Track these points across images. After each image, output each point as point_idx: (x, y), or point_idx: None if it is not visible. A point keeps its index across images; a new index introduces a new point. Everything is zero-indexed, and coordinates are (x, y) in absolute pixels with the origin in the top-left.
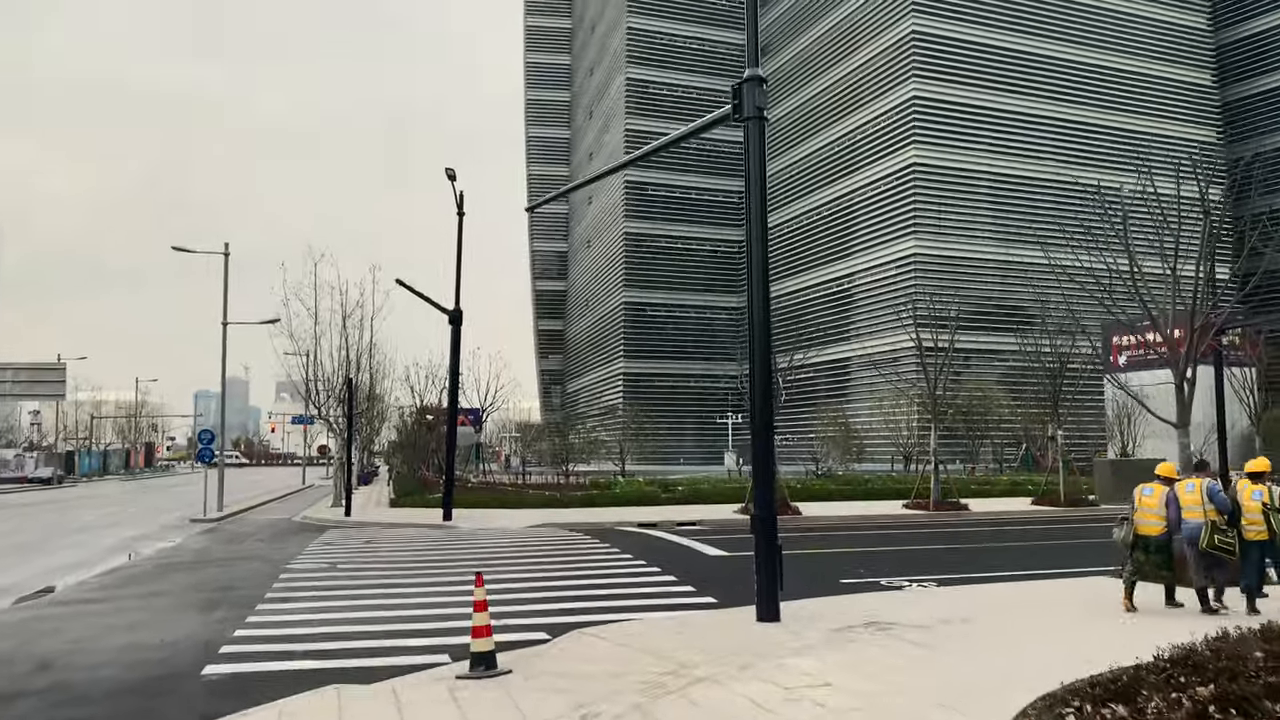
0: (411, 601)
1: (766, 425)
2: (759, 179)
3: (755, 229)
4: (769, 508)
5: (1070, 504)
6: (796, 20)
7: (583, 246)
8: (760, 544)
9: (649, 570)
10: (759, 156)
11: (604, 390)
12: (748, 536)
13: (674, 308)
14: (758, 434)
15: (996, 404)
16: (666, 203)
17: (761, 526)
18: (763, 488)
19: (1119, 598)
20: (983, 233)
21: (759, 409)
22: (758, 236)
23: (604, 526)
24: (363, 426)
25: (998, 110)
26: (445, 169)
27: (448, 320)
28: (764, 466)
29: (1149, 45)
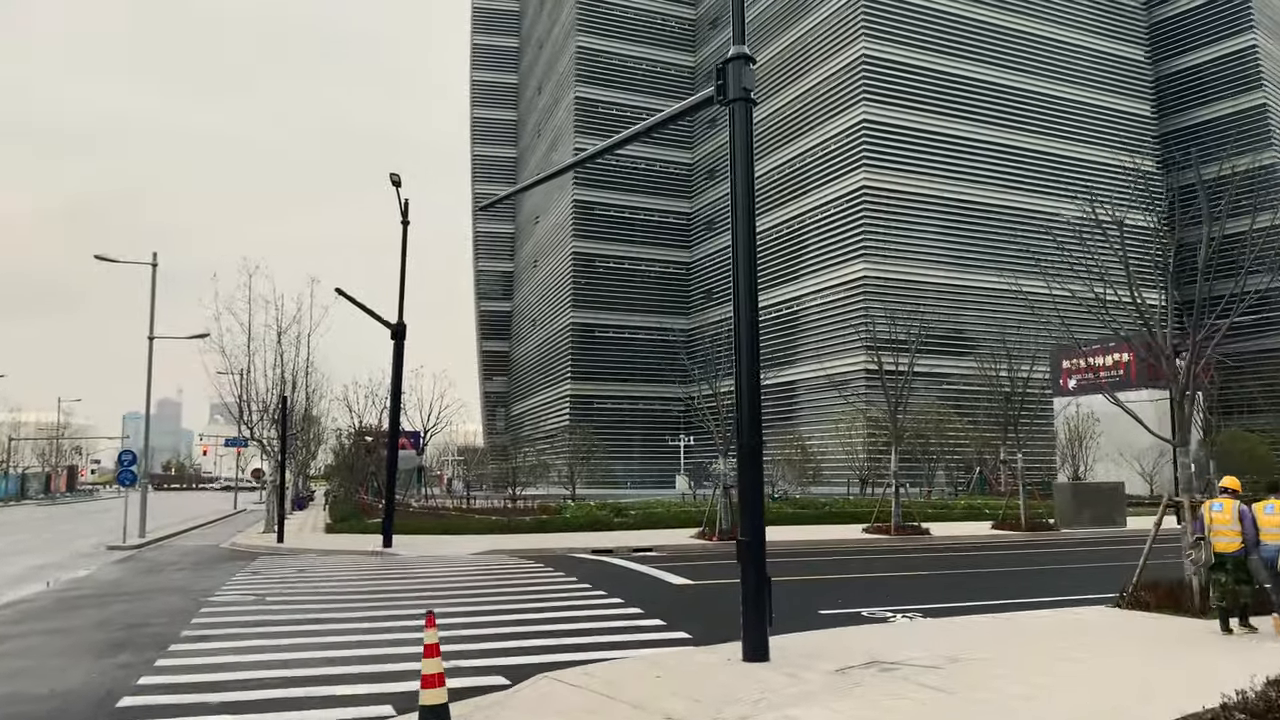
0: (349, 640)
1: (755, 444)
2: (745, 168)
3: (741, 226)
4: (758, 534)
5: (1031, 528)
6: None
7: (529, 266)
8: (748, 574)
9: (611, 601)
10: (745, 143)
11: (551, 412)
12: (711, 563)
13: (622, 329)
14: (746, 453)
15: (949, 427)
16: (615, 223)
17: (750, 555)
18: (752, 512)
19: (1128, 628)
20: (932, 257)
21: (747, 426)
22: (744, 234)
23: (556, 553)
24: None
25: (946, 135)
26: (390, 174)
27: (390, 335)
28: (752, 489)
29: (1092, 76)
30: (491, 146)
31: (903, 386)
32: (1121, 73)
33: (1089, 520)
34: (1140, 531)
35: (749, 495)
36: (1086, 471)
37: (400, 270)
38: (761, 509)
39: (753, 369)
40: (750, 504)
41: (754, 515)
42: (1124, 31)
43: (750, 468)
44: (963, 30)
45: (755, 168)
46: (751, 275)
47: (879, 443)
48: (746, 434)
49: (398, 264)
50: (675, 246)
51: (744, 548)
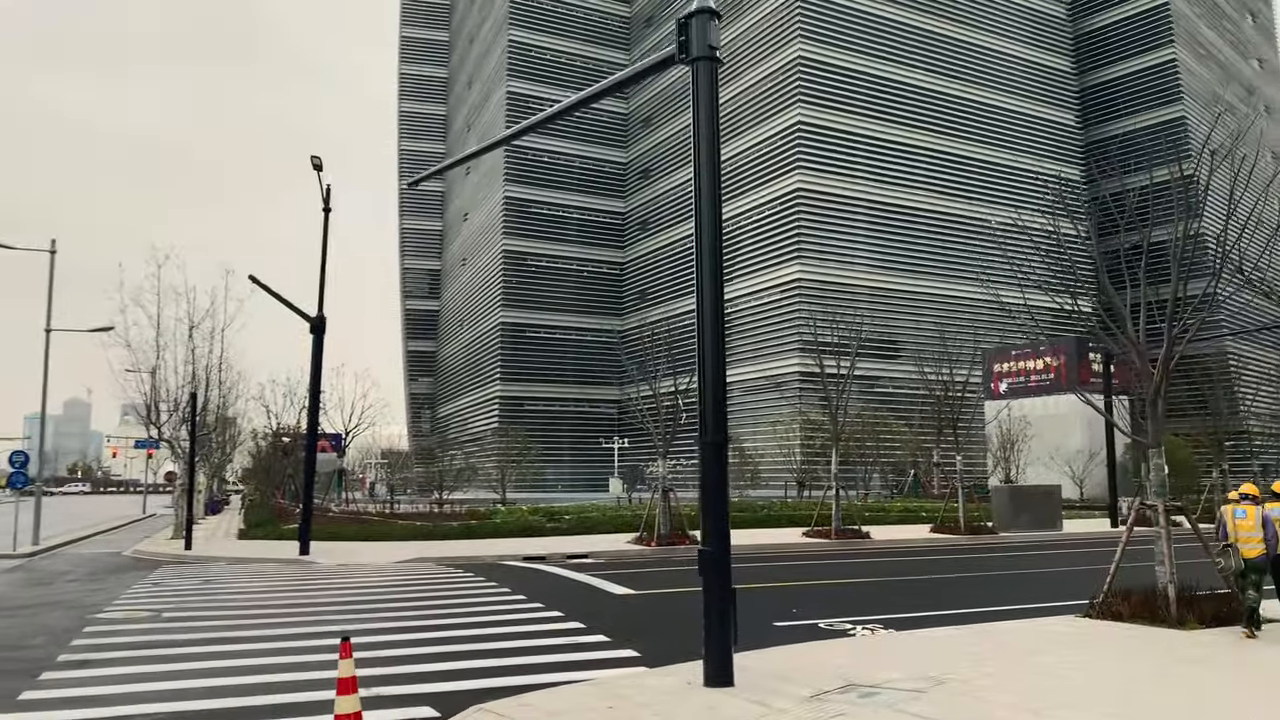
0: (255, 664)
1: (720, 440)
2: (710, 137)
3: (705, 201)
4: (723, 541)
5: (971, 532)
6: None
7: (458, 265)
8: (712, 587)
9: (549, 615)
10: (710, 106)
11: (479, 414)
12: (652, 570)
13: (554, 329)
14: (710, 451)
15: (884, 431)
16: (547, 221)
17: (714, 566)
18: (716, 515)
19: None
20: (865, 260)
21: (711, 420)
22: (708, 206)
23: (486, 561)
24: (212, 450)
25: (880, 139)
26: (311, 157)
27: (309, 329)
28: (716, 490)
29: (1020, 84)
30: (420, 141)
31: (843, 388)
32: (1048, 82)
33: (1027, 523)
34: (1077, 535)
35: (713, 497)
36: (1018, 475)
37: (321, 260)
38: (726, 513)
39: (717, 357)
40: (714, 507)
41: (718, 519)
42: (1051, 42)
43: (714, 466)
44: (896, 35)
45: (688, 170)
46: (716, 256)
47: (817, 445)
48: (711, 429)
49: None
50: (608, 246)
51: (707, 558)
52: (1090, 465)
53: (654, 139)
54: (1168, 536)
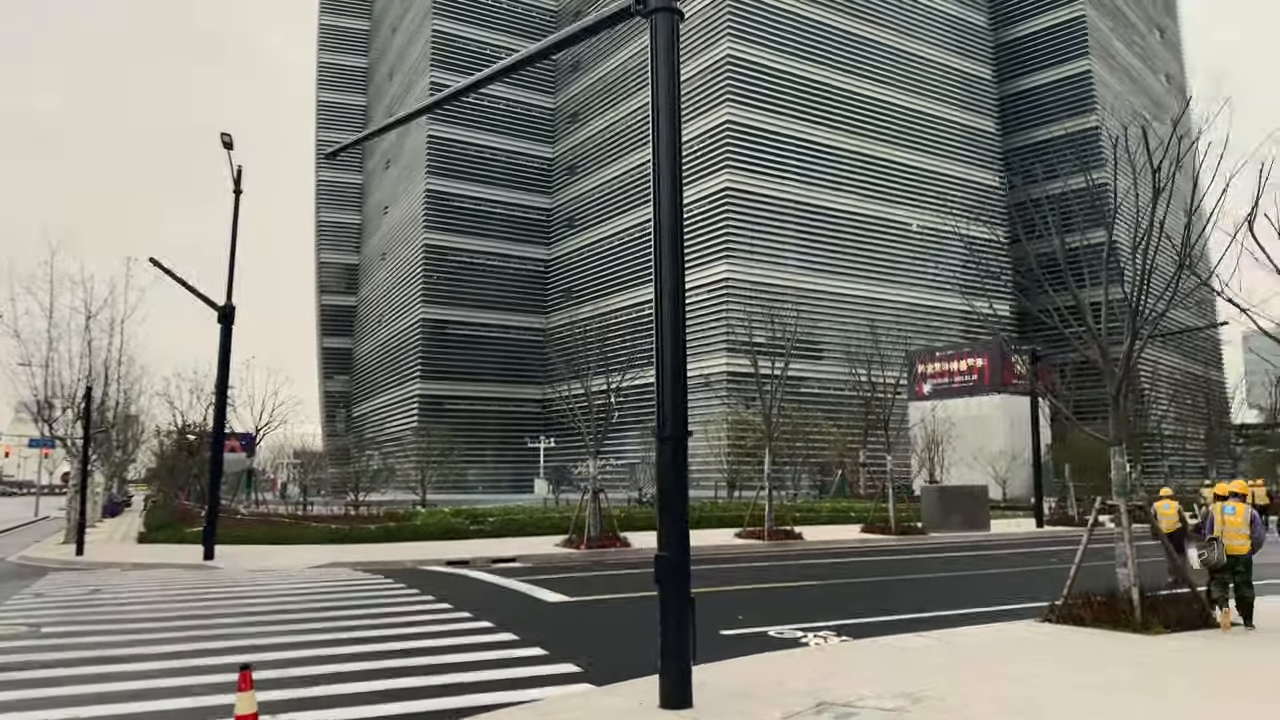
0: (145, 689)
1: (680, 435)
2: (671, 97)
3: (665, 174)
4: (682, 545)
5: (901, 532)
6: (611, 37)
7: (377, 259)
8: (669, 598)
9: (478, 626)
10: (671, 64)
11: (398, 413)
12: (585, 575)
13: (476, 326)
14: (668, 447)
15: (814, 430)
16: (470, 215)
17: (673, 575)
18: (675, 517)
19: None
20: (792, 260)
21: (670, 414)
22: (668, 183)
23: (407, 565)
24: (112, 450)
25: (807, 141)
26: (220, 134)
27: (217, 318)
28: (676, 489)
29: (943, 90)
30: (339, 132)
31: (777, 388)
32: (970, 89)
33: (956, 524)
34: (1006, 536)
35: (672, 497)
36: (942, 475)
37: (230, 245)
38: (686, 514)
39: (677, 348)
40: (673, 508)
41: (677, 521)
42: (973, 50)
43: (673, 464)
44: (824, 38)
45: (618, 166)
46: (676, 239)
47: (748, 445)
48: (670, 424)
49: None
50: (534, 243)
51: (665, 565)
52: (1013, 466)
53: (582, 134)
54: (1130, 538)
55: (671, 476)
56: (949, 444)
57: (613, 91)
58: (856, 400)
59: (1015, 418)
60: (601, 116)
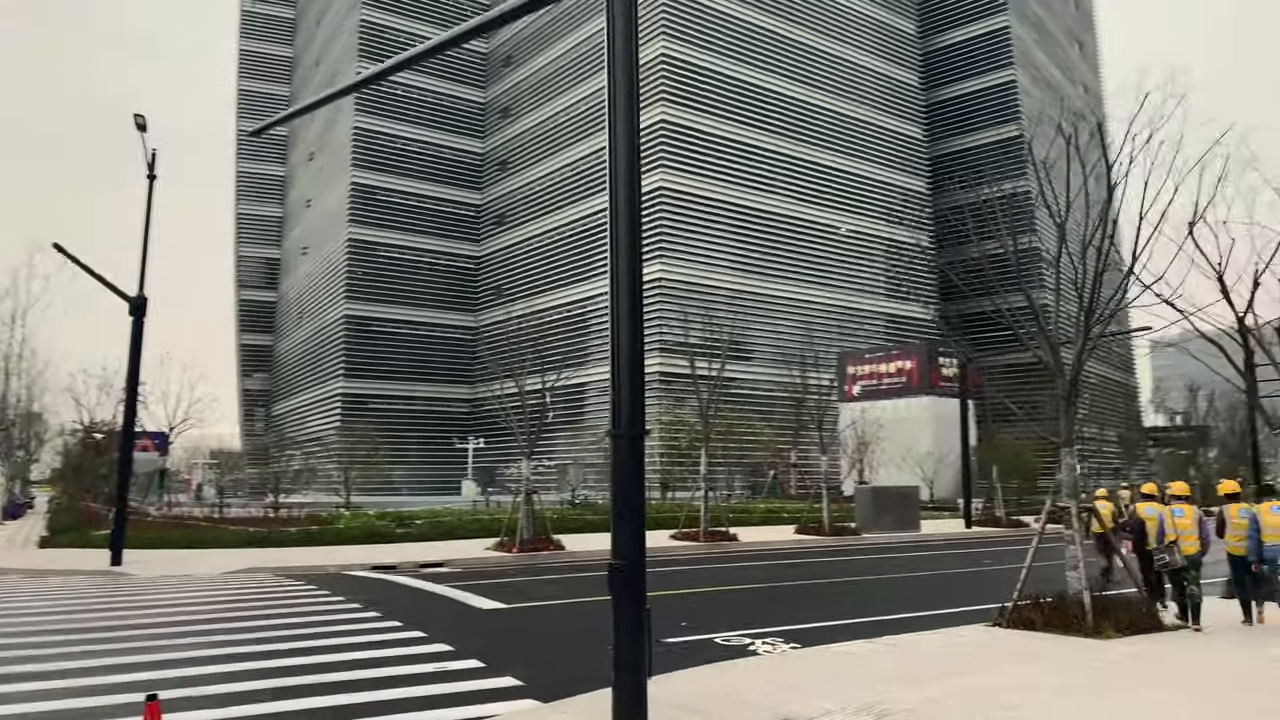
0: (39, 713)
1: (637, 434)
2: (628, 60)
3: (622, 151)
4: (638, 553)
5: (835, 533)
6: (543, 33)
7: (299, 253)
8: (624, 609)
9: (410, 636)
10: (628, 37)
11: (320, 412)
12: (519, 580)
13: (402, 324)
14: (626, 447)
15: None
16: (398, 210)
17: (629, 584)
18: (631, 522)
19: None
20: (724, 262)
21: (627, 410)
22: (625, 157)
23: (330, 571)
24: (13, 449)
25: (739, 142)
26: (134, 115)
27: (128, 310)
28: (632, 493)
29: (872, 96)
30: (260, 122)
31: (714, 389)
32: (899, 95)
33: (888, 524)
34: (937, 536)
35: (628, 499)
36: (872, 476)
37: (144, 232)
38: (643, 519)
39: (634, 339)
40: (630, 511)
41: (634, 524)
42: (902, 57)
43: (631, 463)
44: (758, 40)
45: (550, 163)
46: (634, 226)
47: (682, 445)
48: (627, 420)
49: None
50: (463, 239)
51: (620, 574)
52: (939, 467)
53: (514, 129)
54: (1081, 541)
55: (629, 477)
56: (878, 445)
57: (546, 87)
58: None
59: (942, 419)
60: (534, 112)
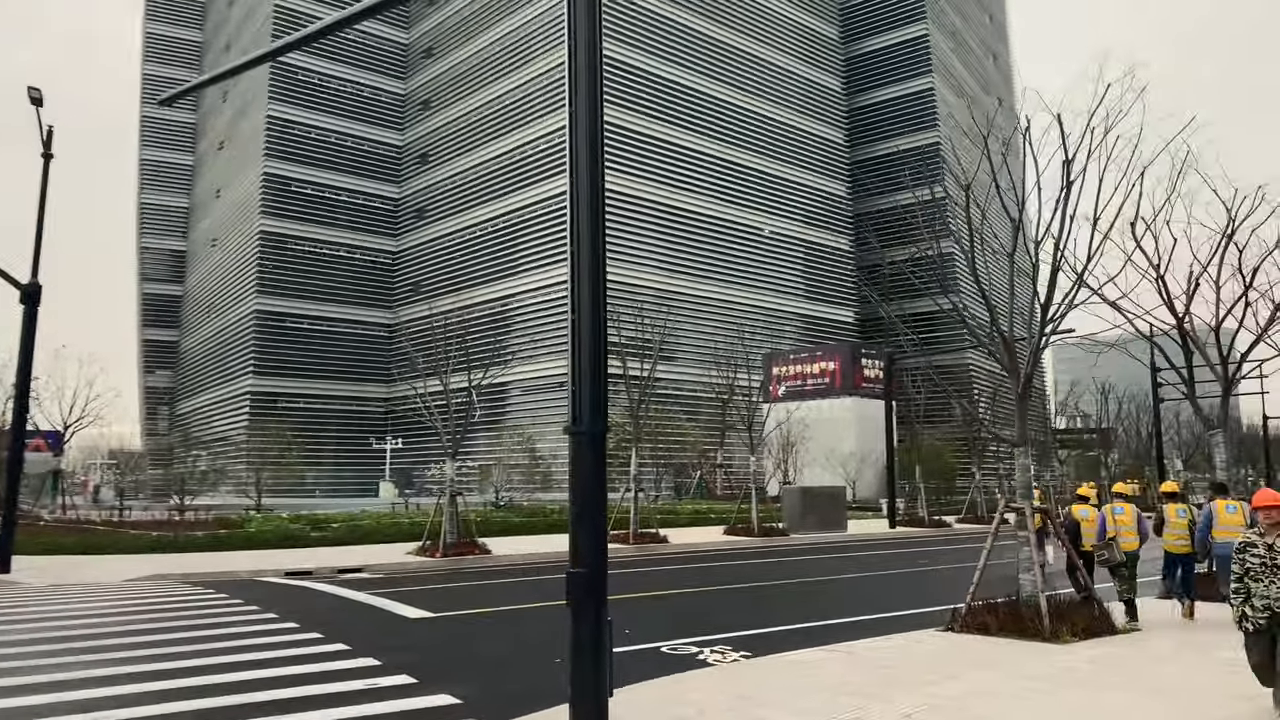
0: None
1: (599, 431)
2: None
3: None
4: (599, 559)
5: (764, 533)
6: (465, 25)
7: (207, 246)
8: (584, 619)
9: (332, 649)
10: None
11: (228, 411)
12: (445, 587)
13: (316, 319)
14: (585, 445)
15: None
16: (312, 202)
17: (590, 593)
18: (592, 525)
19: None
20: (649, 261)
21: (588, 405)
22: (586, 128)
23: (241, 577)
24: None
25: (667, 142)
26: (28, 89)
27: (19, 298)
28: (593, 494)
29: (796, 100)
30: (168, 110)
31: (645, 387)
32: (821, 100)
33: (815, 524)
34: (864, 536)
35: (589, 502)
36: (796, 476)
37: (38, 215)
38: (605, 521)
39: (596, 325)
40: (591, 514)
41: (595, 527)
42: (825, 62)
43: (592, 462)
44: (684, 40)
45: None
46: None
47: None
48: (589, 415)
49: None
50: (380, 233)
51: (581, 581)
52: (861, 467)
53: (434, 122)
54: (1037, 542)
55: (590, 476)
56: (802, 446)
57: (469, 79)
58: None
59: (865, 420)
60: (456, 105)
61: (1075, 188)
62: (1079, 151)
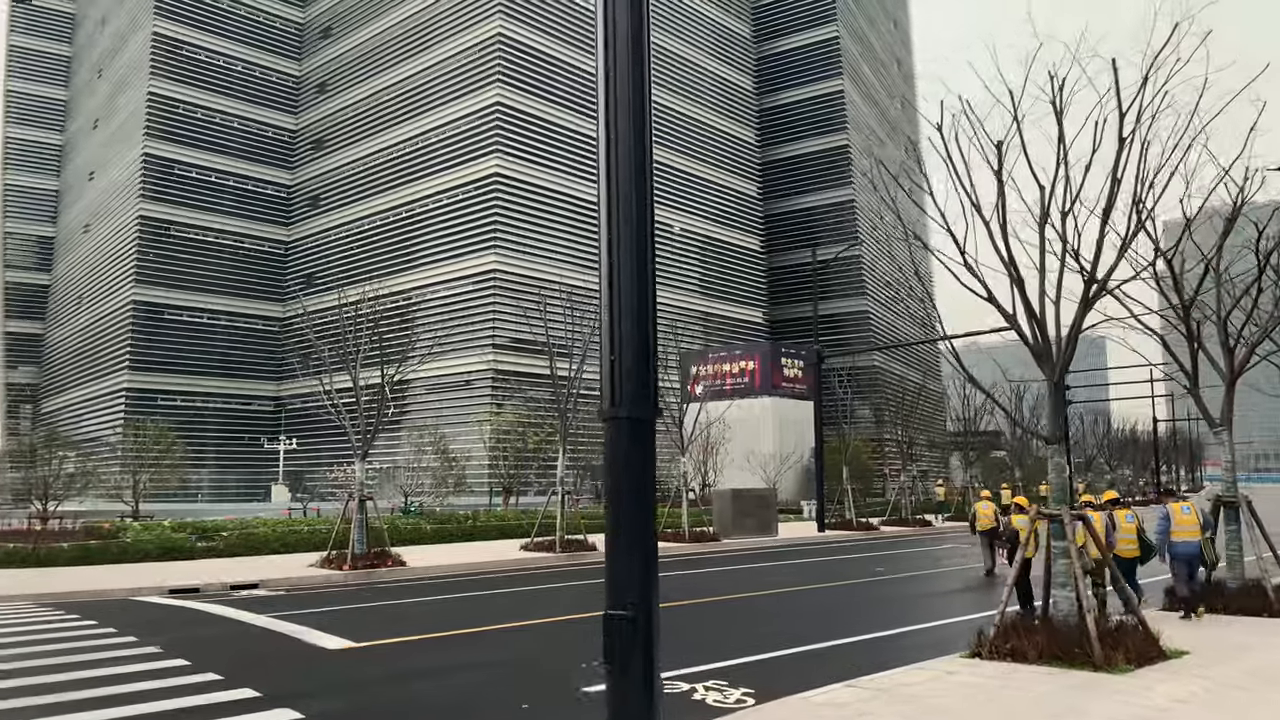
0: None
1: (642, 419)
2: None
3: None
4: (650, 593)
5: (695, 539)
6: (366, 5)
7: (79, 232)
8: (630, 685)
9: (236, 698)
10: None
11: (100, 409)
12: (362, 607)
13: (199, 311)
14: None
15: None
16: (197, 187)
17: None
18: (641, 545)
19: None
20: (562, 255)
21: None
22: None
23: (115, 596)
24: None
25: (578, 132)
26: None
27: None
28: (638, 501)
29: (708, 97)
30: (35, 84)
31: (573, 384)
32: (733, 98)
33: (748, 528)
34: (798, 541)
35: (633, 509)
36: (717, 478)
37: None
38: (654, 545)
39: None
40: (636, 533)
41: (643, 555)
42: (738, 60)
43: (637, 456)
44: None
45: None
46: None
47: (530, 445)
48: (629, 396)
49: None
50: (272, 222)
51: (623, 630)
52: (782, 469)
53: (331, 106)
54: (1078, 554)
55: (636, 479)
56: (723, 447)
57: (369, 61)
58: None
59: (784, 420)
60: (356, 88)
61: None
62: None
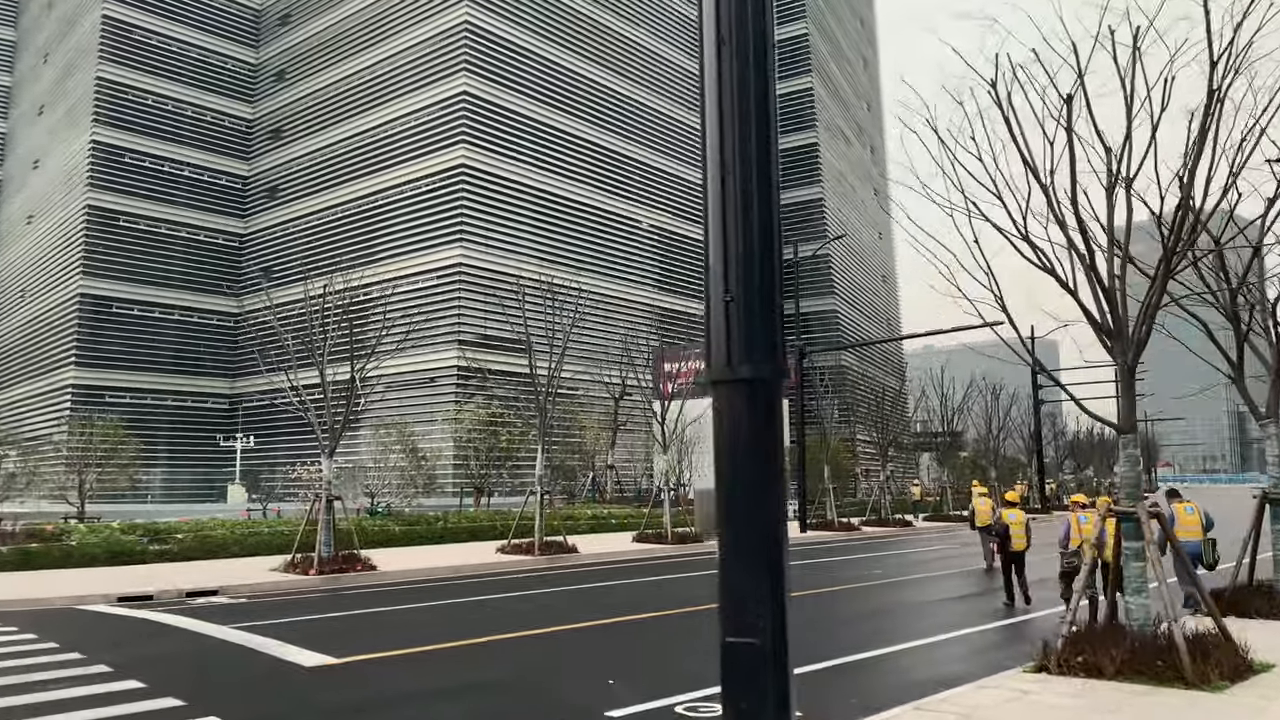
0: None
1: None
2: None
3: None
4: (781, 616)
5: (678, 541)
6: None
7: (21, 222)
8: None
9: None
10: None
11: (44, 406)
12: (335, 616)
13: (150, 305)
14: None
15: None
16: (148, 176)
17: (760, 672)
18: (767, 559)
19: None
20: (530, 249)
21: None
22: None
23: (58, 605)
24: None
25: (546, 125)
26: None
27: None
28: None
29: (679, 91)
30: None
31: (551, 384)
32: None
33: None
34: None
35: (753, 514)
36: (691, 478)
37: None
38: (785, 557)
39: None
40: (760, 539)
41: (770, 571)
42: None
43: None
44: (567, 20)
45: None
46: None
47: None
48: (749, 354)
49: None
50: (227, 213)
51: (749, 660)
52: None
53: (290, 95)
54: (1158, 557)
55: (761, 458)
56: (696, 445)
57: (330, 49)
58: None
59: None
60: (315, 77)
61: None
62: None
